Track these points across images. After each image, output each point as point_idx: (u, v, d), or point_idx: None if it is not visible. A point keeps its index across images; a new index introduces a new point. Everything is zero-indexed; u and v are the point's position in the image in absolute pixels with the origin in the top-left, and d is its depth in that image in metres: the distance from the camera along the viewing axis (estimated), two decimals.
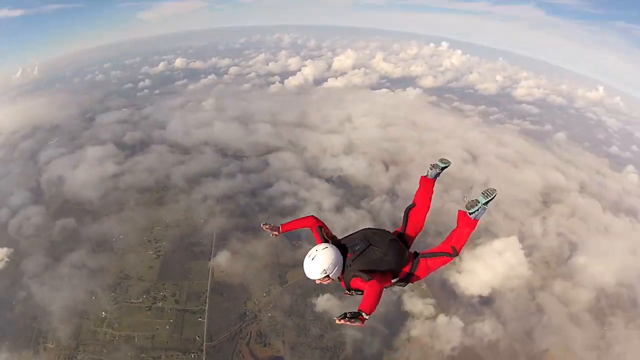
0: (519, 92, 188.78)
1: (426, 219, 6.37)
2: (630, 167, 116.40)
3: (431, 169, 6.57)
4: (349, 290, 5.24)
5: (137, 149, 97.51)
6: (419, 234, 6.32)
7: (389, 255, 5.45)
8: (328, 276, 5.14)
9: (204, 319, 51.19)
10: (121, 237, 62.54)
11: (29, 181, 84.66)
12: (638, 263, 67.34)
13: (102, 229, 66.08)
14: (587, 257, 65.94)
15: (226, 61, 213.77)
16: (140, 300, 53.57)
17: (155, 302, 53.21)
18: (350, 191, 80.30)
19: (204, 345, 48.42)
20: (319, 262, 5.10)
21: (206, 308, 52.39)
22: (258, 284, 55.57)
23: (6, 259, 61.35)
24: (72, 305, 52.79)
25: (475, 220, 5.72)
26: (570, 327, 54.94)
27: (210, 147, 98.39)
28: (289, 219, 6.31)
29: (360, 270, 5.10)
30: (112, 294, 54.29)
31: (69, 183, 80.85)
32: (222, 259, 58.50)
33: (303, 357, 48.18)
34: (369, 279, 4.88)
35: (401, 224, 6.27)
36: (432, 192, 6.52)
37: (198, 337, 49.18)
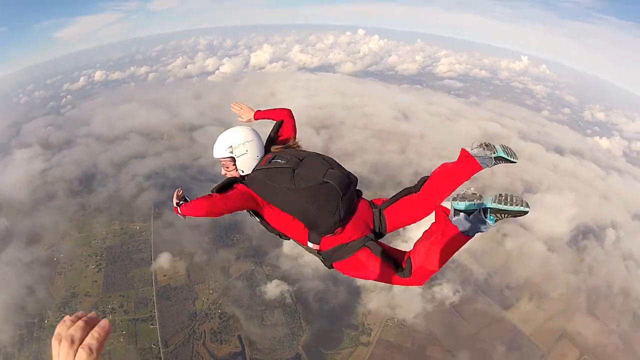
0: (440, 69, 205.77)
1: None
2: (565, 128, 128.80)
3: (482, 149, 4.00)
4: (224, 184, 4.00)
5: (62, 146, 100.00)
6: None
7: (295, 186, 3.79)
8: (234, 162, 4.15)
9: (156, 325, 50.30)
10: (61, 255, 61.26)
11: None
12: (596, 195, 74.48)
13: (35, 229, 67.18)
14: (542, 193, 71.47)
15: (144, 69, 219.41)
16: None
17: (105, 316, 50.24)
18: None
19: (161, 352, 47.67)
20: (229, 134, 4.23)
21: (156, 314, 51.45)
22: (203, 282, 54.86)
23: None
24: (27, 332, 52.09)
25: (466, 237, 3.63)
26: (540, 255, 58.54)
27: (135, 134, 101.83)
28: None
29: (255, 183, 3.94)
30: (62, 314, 51.10)
31: None
32: (162, 261, 57.69)
33: (262, 349, 47.50)
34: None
35: (382, 198, 4.32)
36: (460, 184, 4.03)
37: (154, 345, 48.42)
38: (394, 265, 3.77)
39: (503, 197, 3.45)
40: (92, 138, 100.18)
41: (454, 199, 3.60)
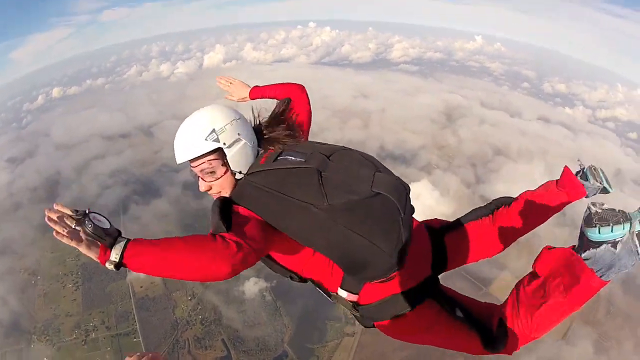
0: (394, 54, 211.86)
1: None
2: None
3: (591, 175, 2.97)
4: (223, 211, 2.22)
5: (25, 158, 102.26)
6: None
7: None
8: (222, 159, 2.48)
9: (139, 337, 50.08)
10: (38, 277, 61.22)
11: None
12: (568, 157, 69.06)
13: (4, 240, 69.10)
14: (514, 161, 73.48)
15: (100, 81, 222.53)
16: (74, 336, 52.36)
17: (88, 334, 52.05)
18: None
19: None
20: (204, 114, 2.56)
21: (137, 327, 51.17)
22: (179, 289, 54.25)
23: None
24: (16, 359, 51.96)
25: (604, 282, 2.12)
26: None
27: (95, 137, 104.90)
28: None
29: (252, 196, 2.35)
30: (47, 337, 53.02)
31: None
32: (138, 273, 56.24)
33: (247, 350, 47.15)
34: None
35: (438, 218, 3.14)
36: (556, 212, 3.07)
37: None
38: (477, 329, 2.61)
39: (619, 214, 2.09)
40: (53, 147, 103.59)
41: (589, 224, 2.10)
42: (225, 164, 2.49)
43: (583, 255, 2.15)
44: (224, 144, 2.45)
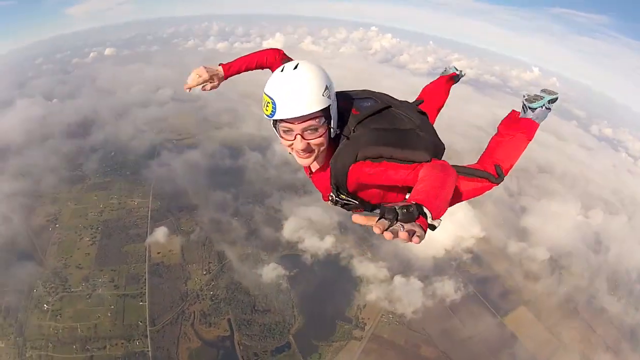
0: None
1: None
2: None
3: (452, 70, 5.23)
4: (338, 190, 2.96)
5: (65, 98, 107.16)
6: None
7: (424, 131, 3.02)
8: (327, 116, 2.67)
9: (145, 302, 49.91)
10: (57, 226, 61.24)
11: None
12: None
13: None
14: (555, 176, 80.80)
15: (154, 48, 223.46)
16: (80, 288, 52.35)
17: (95, 289, 52.04)
18: None
19: (148, 330, 47.26)
20: (314, 68, 2.66)
21: (146, 291, 51.08)
22: (197, 262, 54.23)
23: None
24: (15, 300, 52.00)
25: (537, 123, 4.05)
26: None
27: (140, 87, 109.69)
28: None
29: (380, 144, 2.69)
30: (52, 285, 53.19)
31: None
32: (158, 236, 57.39)
33: (251, 334, 46.86)
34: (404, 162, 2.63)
35: None
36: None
37: (140, 322, 48.01)
38: (485, 177, 3.62)
39: (547, 92, 4.17)
40: (96, 90, 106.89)
41: (531, 101, 4.10)
42: (327, 121, 2.68)
43: (525, 115, 4.04)
44: (332, 100, 2.69)
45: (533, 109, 4.01)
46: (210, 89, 3.62)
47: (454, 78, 5.14)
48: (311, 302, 49.44)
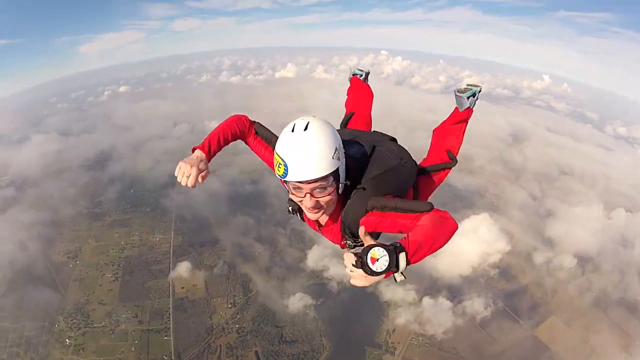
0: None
1: None
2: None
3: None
4: (350, 235, 3.17)
5: (80, 133, 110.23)
6: None
7: (405, 159, 3.49)
8: (336, 175, 2.82)
9: (170, 337, 49.65)
10: (77, 262, 61.56)
11: None
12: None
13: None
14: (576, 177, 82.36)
15: (169, 85, 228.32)
16: (103, 324, 52.23)
17: (118, 325, 51.87)
18: None
19: None
20: (325, 129, 2.78)
21: (171, 326, 50.82)
22: (222, 296, 54.22)
23: None
24: (36, 335, 52.17)
25: (471, 109, 4.82)
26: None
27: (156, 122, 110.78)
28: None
29: (383, 193, 3.00)
30: (74, 320, 53.09)
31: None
32: (181, 271, 57.54)
33: None
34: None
35: None
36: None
37: (165, 356, 47.64)
38: (447, 167, 4.31)
39: (472, 84, 4.91)
40: (112, 126, 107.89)
41: (461, 92, 4.81)
42: (335, 180, 2.83)
43: (463, 108, 4.74)
44: (339, 165, 2.79)
45: (467, 98, 4.73)
46: (203, 180, 3.20)
47: (365, 76, 5.59)
48: (339, 330, 49.09)
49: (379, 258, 2.30)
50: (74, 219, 72.14)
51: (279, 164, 2.70)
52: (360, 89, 5.35)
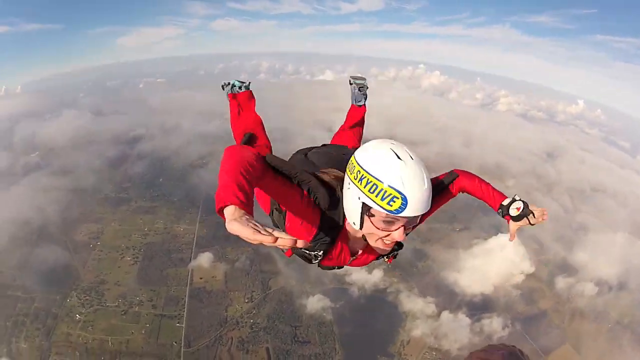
0: (500, 107, 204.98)
1: None
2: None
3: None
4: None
5: (112, 114, 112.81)
6: None
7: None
8: None
9: (182, 324, 49.96)
10: (98, 243, 62.32)
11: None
12: None
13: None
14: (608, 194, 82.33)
15: (207, 80, 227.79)
16: (116, 304, 52.75)
17: (132, 307, 52.31)
18: None
19: (182, 351, 47.22)
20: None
21: (185, 313, 51.11)
22: (240, 290, 54.39)
23: None
24: (45, 307, 52.84)
25: (364, 107, 5.25)
26: None
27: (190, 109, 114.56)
28: None
29: None
30: (87, 297, 53.73)
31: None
32: (202, 261, 57.83)
33: None
34: None
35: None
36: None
37: (175, 342, 47.99)
38: None
39: (359, 77, 5.35)
40: (146, 109, 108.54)
41: (353, 80, 5.29)
42: None
43: (358, 103, 5.25)
44: None
45: (360, 90, 5.25)
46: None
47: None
48: (354, 336, 48.90)
49: (520, 207, 3.14)
50: (99, 202, 73.20)
51: (394, 197, 2.39)
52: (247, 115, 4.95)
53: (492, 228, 65.13)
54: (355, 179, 2.50)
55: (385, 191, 2.38)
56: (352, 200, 2.57)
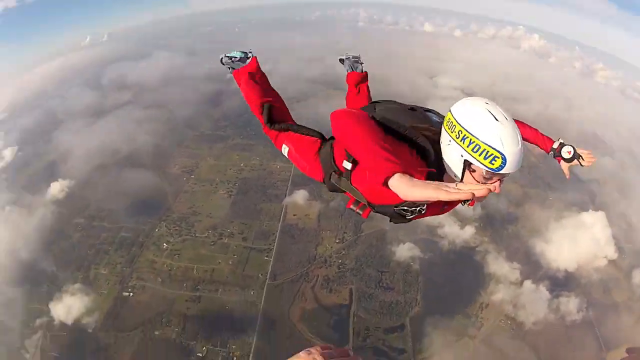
0: (599, 79, 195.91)
1: None
2: None
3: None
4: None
5: (206, 55, 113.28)
6: None
7: None
8: None
9: (271, 258, 51.42)
10: (192, 177, 64.71)
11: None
12: None
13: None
14: None
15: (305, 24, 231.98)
16: (206, 235, 54.56)
17: (221, 238, 54.04)
18: None
19: (266, 283, 48.70)
20: None
21: (274, 248, 52.57)
22: (332, 230, 54.92)
23: None
24: (131, 236, 55.10)
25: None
26: None
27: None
28: None
29: None
30: (176, 227, 55.87)
31: None
32: (297, 198, 59.26)
33: (369, 308, 47.01)
34: None
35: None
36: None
37: (261, 275, 49.44)
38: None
39: (352, 55, 5.49)
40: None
41: (347, 56, 5.49)
42: None
43: (356, 69, 5.32)
44: None
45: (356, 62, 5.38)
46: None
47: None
48: (436, 290, 49.07)
49: (571, 151, 3.80)
50: (195, 138, 75.56)
51: (495, 157, 2.67)
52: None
53: (585, 202, 64.69)
54: (457, 138, 2.77)
55: (487, 151, 2.66)
56: (454, 156, 2.86)
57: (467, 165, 2.82)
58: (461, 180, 2.91)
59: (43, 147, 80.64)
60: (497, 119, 2.69)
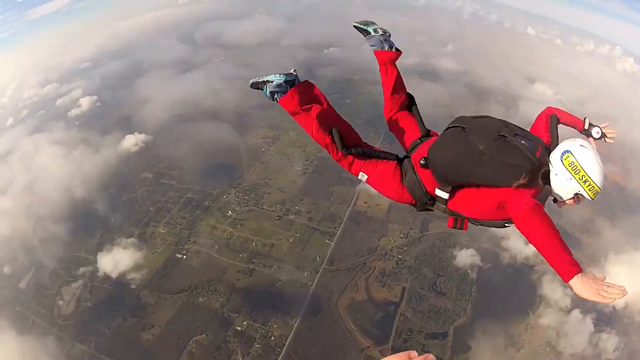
0: None
1: None
2: None
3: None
4: None
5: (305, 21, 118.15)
6: None
7: None
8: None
9: (332, 242, 51.78)
10: (271, 148, 65.87)
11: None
12: None
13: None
14: None
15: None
16: (273, 209, 55.66)
17: (287, 214, 55.00)
18: None
19: (322, 267, 49.19)
20: None
21: (338, 232, 52.90)
22: (399, 223, 54.19)
23: None
24: (198, 199, 56.82)
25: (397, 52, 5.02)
26: None
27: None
28: None
29: None
30: (245, 197, 57.28)
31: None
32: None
33: (417, 310, 46.72)
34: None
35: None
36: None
37: (319, 257, 49.95)
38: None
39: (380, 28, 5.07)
40: (343, 24, 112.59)
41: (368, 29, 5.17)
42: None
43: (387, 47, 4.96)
44: None
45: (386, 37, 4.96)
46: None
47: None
48: (487, 303, 48.35)
49: (599, 131, 4.39)
50: (281, 109, 75.97)
51: (597, 192, 3.53)
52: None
53: None
54: (581, 180, 3.45)
55: (594, 187, 3.46)
56: (568, 188, 3.55)
57: (575, 195, 3.59)
58: (563, 201, 3.70)
59: (123, 97, 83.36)
60: (598, 162, 3.49)
